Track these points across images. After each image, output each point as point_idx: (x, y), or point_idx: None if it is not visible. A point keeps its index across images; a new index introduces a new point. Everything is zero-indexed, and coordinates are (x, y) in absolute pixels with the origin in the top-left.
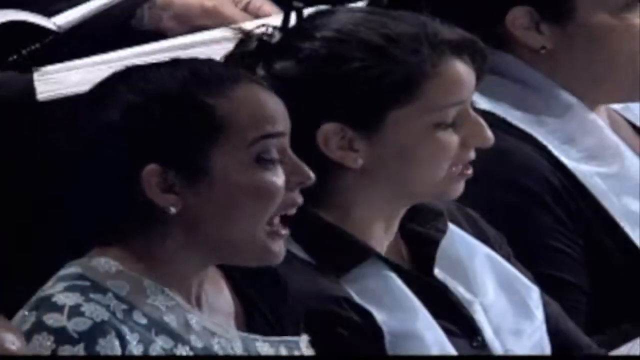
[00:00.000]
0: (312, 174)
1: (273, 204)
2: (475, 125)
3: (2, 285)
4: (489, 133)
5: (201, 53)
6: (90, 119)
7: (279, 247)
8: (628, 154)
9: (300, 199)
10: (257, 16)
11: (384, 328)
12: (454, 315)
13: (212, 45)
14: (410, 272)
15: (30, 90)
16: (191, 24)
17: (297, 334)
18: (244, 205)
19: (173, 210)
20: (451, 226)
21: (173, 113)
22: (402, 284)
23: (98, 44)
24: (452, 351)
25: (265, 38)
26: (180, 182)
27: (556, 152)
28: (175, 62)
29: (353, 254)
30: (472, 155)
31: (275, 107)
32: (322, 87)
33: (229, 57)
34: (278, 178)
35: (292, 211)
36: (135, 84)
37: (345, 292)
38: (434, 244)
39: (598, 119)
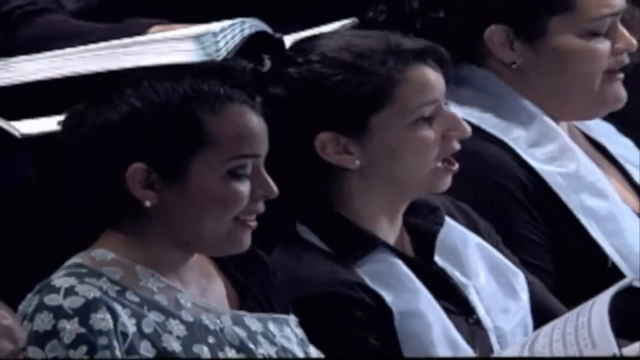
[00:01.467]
0: (276, 190)
1: (235, 210)
2: (451, 119)
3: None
4: (465, 125)
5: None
6: (94, 114)
7: (244, 238)
8: (582, 157)
9: (262, 209)
10: None
11: (393, 308)
12: (452, 296)
13: (152, 44)
14: (414, 260)
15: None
16: None
17: (287, 313)
18: (211, 208)
19: (148, 204)
20: (447, 219)
21: (167, 121)
22: (407, 269)
23: None
24: (451, 327)
25: (258, 68)
26: (160, 182)
27: (523, 155)
28: (180, 78)
29: (364, 244)
30: (455, 146)
31: (258, 130)
32: (310, 103)
33: (230, 86)
34: (244, 190)
35: (253, 219)
36: (142, 92)
37: (358, 278)
38: (433, 235)
39: (558, 127)
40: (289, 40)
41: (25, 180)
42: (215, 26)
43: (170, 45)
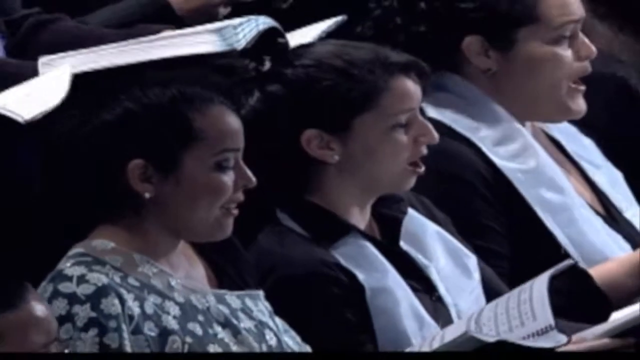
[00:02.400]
0: (254, 180)
1: (222, 198)
2: (423, 127)
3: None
4: (435, 133)
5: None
6: (91, 117)
7: (228, 225)
8: (543, 155)
9: (242, 197)
10: None
11: (365, 285)
12: (415, 276)
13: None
14: (382, 243)
15: (36, 74)
16: None
17: (257, 289)
18: (201, 197)
19: (147, 195)
20: (410, 210)
21: (160, 121)
22: (376, 251)
23: None
24: (417, 303)
25: (258, 67)
26: (157, 175)
27: (488, 153)
28: (168, 82)
29: (338, 229)
30: (423, 150)
31: (237, 127)
32: (303, 102)
33: (234, 82)
34: (229, 180)
35: (235, 207)
36: (134, 95)
37: (334, 258)
38: (398, 222)
39: (522, 128)
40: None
41: (27, 170)
42: (234, 21)
43: (194, 38)
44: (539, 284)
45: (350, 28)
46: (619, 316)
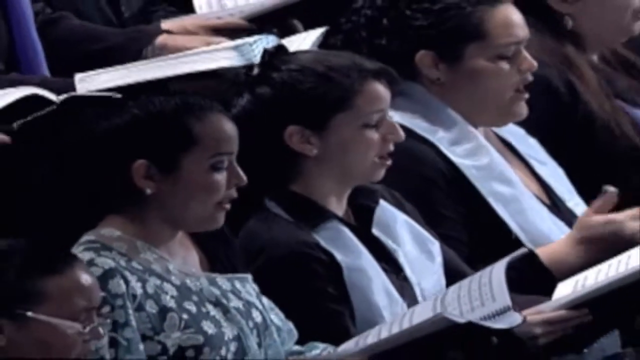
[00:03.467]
0: (245, 179)
1: (216, 196)
2: (391, 126)
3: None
4: (401, 132)
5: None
6: (104, 122)
7: (220, 217)
8: (494, 153)
9: (235, 194)
10: None
11: (342, 265)
12: (385, 258)
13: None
14: (357, 229)
15: (72, 89)
16: None
17: (245, 272)
18: (197, 194)
19: (149, 191)
20: (382, 201)
21: (163, 127)
22: (352, 236)
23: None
24: (387, 281)
25: (248, 72)
26: (158, 174)
27: (446, 152)
28: (172, 93)
29: (319, 215)
30: (391, 147)
31: (232, 133)
32: (287, 102)
33: (227, 84)
34: (222, 179)
35: (228, 205)
36: (142, 103)
37: (315, 240)
38: (371, 210)
39: (474, 130)
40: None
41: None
42: (249, 38)
43: (215, 54)
44: (498, 270)
45: (324, 39)
46: (564, 288)
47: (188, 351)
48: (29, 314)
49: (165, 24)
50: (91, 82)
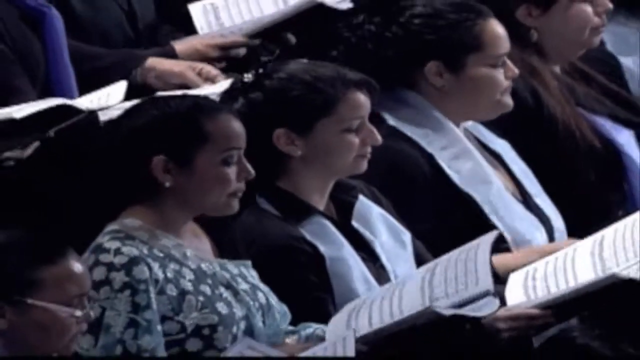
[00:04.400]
0: (252, 171)
1: (228, 187)
2: (370, 131)
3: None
4: (379, 136)
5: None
6: (126, 124)
7: (235, 205)
8: (476, 155)
9: (244, 186)
10: (206, 79)
11: (325, 255)
12: (364, 249)
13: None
14: (338, 222)
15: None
16: (166, 81)
17: (246, 259)
18: (210, 185)
19: (167, 184)
20: (361, 196)
21: (178, 126)
22: (334, 229)
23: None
24: (365, 269)
25: (243, 79)
26: (175, 168)
27: (435, 154)
28: (186, 96)
29: (304, 211)
30: (368, 149)
31: (240, 130)
32: (276, 107)
33: (226, 91)
34: (232, 172)
35: (240, 193)
36: (159, 105)
37: (301, 234)
38: (351, 206)
39: (461, 134)
40: None
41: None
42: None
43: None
44: (483, 251)
45: (325, 52)
46: (515, 277)
47: (204, 330)
48: (29, 300)
49: (177, 45)
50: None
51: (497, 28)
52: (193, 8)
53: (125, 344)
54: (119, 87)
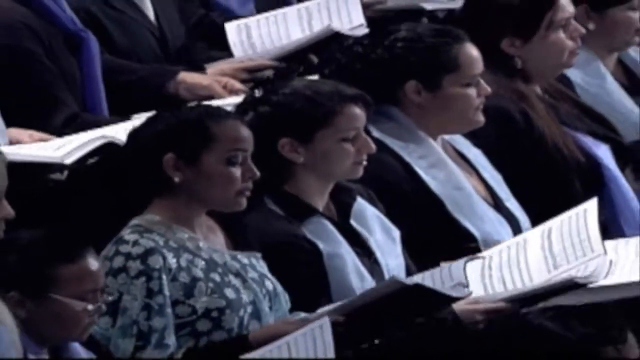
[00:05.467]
0: (258, 173)
1: (233, 186)
2: (365, 141)
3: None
4: (373, 145)
5: None
6: (146, 129)
7: (243, 202)
8: (450, 164)
9: (251, 186)
10: (231, 91)
11: (323, 252)
12: (360, 245)
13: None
14: (337, 222)
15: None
16: (195, 93)
17: (257, 251)
18: (215, 183)
19: (177, 180)
20: (358, 198)
21: (188, 128)
22: (333, 228)
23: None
24: (360, 264)
25: (253, 94)
26: (184, 165)
27: (413, 164)
28: (199, 105)
29: (306, 211)
30: (364, 157)
31: (245, 134)
32: (281, 119)
33: (238, 104)
34: (237, 172)
35: (248, 192)
36: (174, 113)
37: (302, 232)
38: (349, 206)
39: (438, 146)
40: None
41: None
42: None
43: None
44: (457, 265)
45: (321, 69)
46: (472, 267)
47: (213, 312)
48: (47, 295)
49: (209, 69)
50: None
51: (471, 51)
52: (229, 27)
53: (139, 325)
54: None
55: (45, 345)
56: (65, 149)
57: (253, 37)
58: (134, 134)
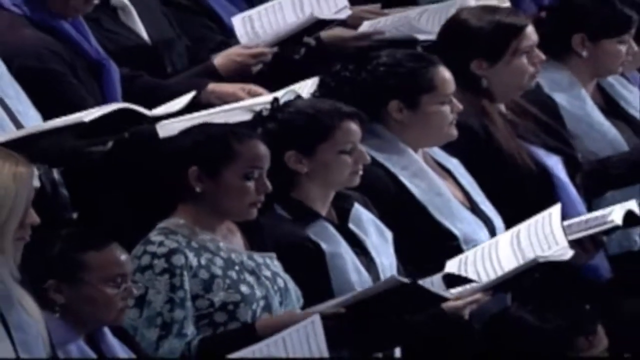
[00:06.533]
0: (270, 187)
1: (248, 198)
2: (361, 153)
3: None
4: (367, 156)
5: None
6: (177, 142)
7: (254, 212)
8: (430, 173)
9: (262, 199)
10: (253, 95)
11: (326, 252)
12: (357, 245)
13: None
14: (337, 225)
15: (155, 133)
16: (224, 100)
17: (271, 252)
18: (232, 194)
19: (198, 190)
20: (356, 204)
21: (213, 146)
22: (334, 230)
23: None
24: (358, 262)
25: (263, 113)
26: (206, 177)
27: (397, 174)
28: (224, 124)
29: (311, 216)
30: (360, 167)
31: (263, 153)
32: (286, 134)
33: (250, 121)
34: (252, 186)
35: (259, 204)
36: (204, 129)
37: (307, 234)
38: (347, 211)
39: (419, 158)
40: None
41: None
42: (264, 99)
43: (233, 115)
44: (438, 277)
45: (318, 87)
46: (451, 264)
47: (229, 306)
48: (81, 279)
49: (216, 59)
50: (167, 129)
51: (445, 73)
52: (235, 20)
53: (163, 316)
54: (184, 98)
55: (83, 330)
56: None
57: (256, 27)
58: (165, 145)
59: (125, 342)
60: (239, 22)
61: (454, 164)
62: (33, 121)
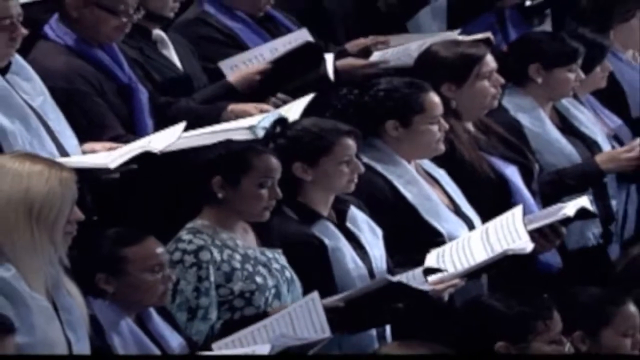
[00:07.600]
0: (280, 194)
1: (262, 203)
2: (357, 164)
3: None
4: (362, 166)
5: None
6: (204, 154)
7: (267, 215)
8: (421, 181)
9: (274, 204)
10: (263, 112)
11: (328, 246)
12: (354, 242)
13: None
14: (337, 224)
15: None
16: (241, 118)
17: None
18: (249, 200)
19: (220, 196)
20: (352, 206)
21: (234, 159)
22: (335, 229)
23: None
24: (356, 256)
25: (273, 130)
26: (227, 185)
27: (394, 181)
28: (246, 141)
29: (314, 217)
30: (356, 176)
31: (276, 166)
32: (294, 149)
33: (262, 138)
34: (265, 193)
35: (271, 208)
36: (226, 145)
37: (311, 232)
38: (345, 212)
39: (412, 168)
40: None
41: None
42: (259, 117)
43: (234, 133)
44: (418, 271)
45: (319, 112)
46: (430, 257)
47: (246, 294)
48: (124, 270)
49: (231, 77)
50: (175, 144)
51: (434, 98)
52: (223, 64)
53: (190, 303)
54: (179, 127)
55: (131, 311)
56: (110, 157)
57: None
58: (191, 157)
59: (168, 321)
60: (227, 67)
61: (441, 174)
62: (69, 140)
